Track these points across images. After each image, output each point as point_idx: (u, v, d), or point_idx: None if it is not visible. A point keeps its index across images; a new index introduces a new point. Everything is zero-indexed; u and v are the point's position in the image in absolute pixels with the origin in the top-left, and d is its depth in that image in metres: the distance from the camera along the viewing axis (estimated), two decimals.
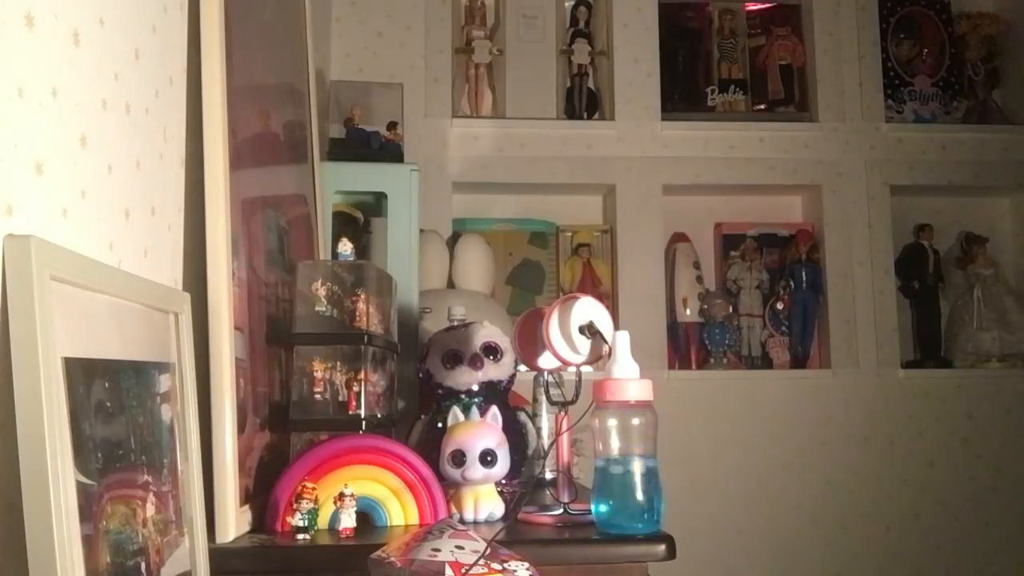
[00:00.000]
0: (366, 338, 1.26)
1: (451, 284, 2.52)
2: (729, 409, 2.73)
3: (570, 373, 1.21)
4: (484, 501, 1.18)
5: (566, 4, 2.90)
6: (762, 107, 2.91)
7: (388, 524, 1.14)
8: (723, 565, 2.65)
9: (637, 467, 1.05)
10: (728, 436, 2.71)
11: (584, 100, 2.83)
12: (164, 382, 0.89)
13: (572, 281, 2.77)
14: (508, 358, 1.51)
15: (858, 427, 2.74)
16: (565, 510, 1.17)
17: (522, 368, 1.40)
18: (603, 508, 1.06)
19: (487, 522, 1.17)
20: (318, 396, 1.24)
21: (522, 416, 1.53)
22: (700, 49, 2.93)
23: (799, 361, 2.79)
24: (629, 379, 1.06)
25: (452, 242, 2.59)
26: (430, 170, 2.59)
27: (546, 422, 1.62)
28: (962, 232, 2.92)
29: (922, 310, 2.90)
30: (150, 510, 0.81)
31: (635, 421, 1.05)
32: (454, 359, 1.50)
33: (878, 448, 2.74)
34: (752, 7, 2.98)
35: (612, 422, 1.05)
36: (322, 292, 1.26)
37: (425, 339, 1.69)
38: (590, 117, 2.81)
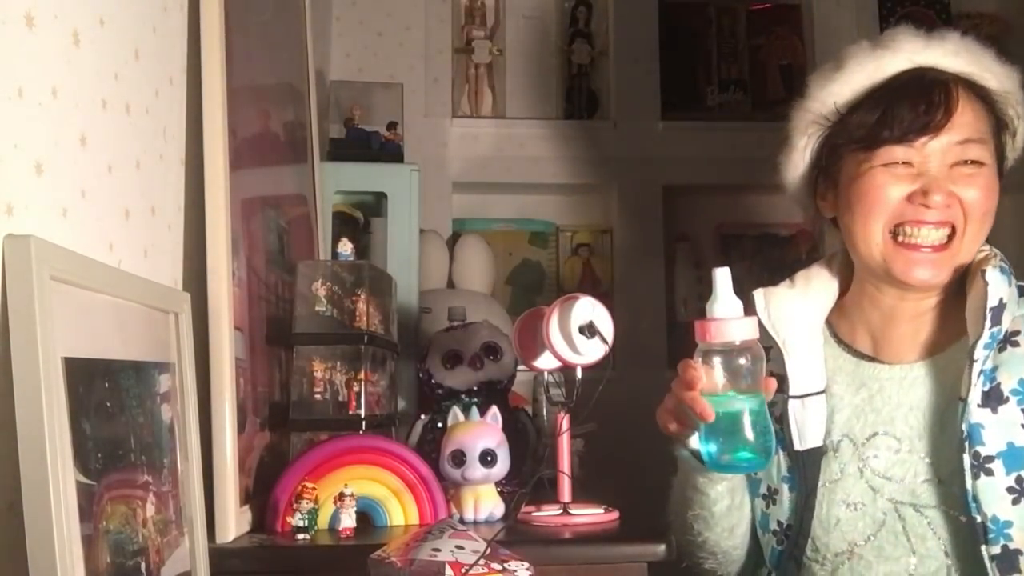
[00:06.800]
0: (366, 338, 1.26)
1: (451, 284, 2.52)
2: None
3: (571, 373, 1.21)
4: (484, 501, 1.18)
5: (566, 4, 2.90)
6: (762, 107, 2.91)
7: (388, 524, 1.14)
8: None
9: (744, 405, 0.97)
10: None
11: (584, 100, 2.83)
12: (164, 382, 0.89)
13: (572, 281, 2.77)
14: (508, 358, 1.51)
15: None
16: (565, 510, 1.17)
17: (522, 368, 1.40)
18: (713, 447, 0.98)
19: (487, 522, 1.17)
20: (318, 396, 1.24)
21: (522, 416, 1.53)
22: (700, 49, 2.93)
23: None
24: (732, 319, 0.98)
25: (452, 242, 2.59)
26: (430, 170, 2.59)
27: (546, 422, 1.62)
28: None
29: None
30: (150, 510, 0.81)
31: (741, 361, 0.98)
32: (454, 359, 1.50)
33: None
34: (752, 7, 2.98)
35: (717, 360, 0.98)
36: (322, 292, 1.26)
37: (425, 339, 1.69)
38: (590, 117, 2.81)
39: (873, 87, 1.12)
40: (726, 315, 0.98)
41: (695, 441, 1.02)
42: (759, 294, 1.20)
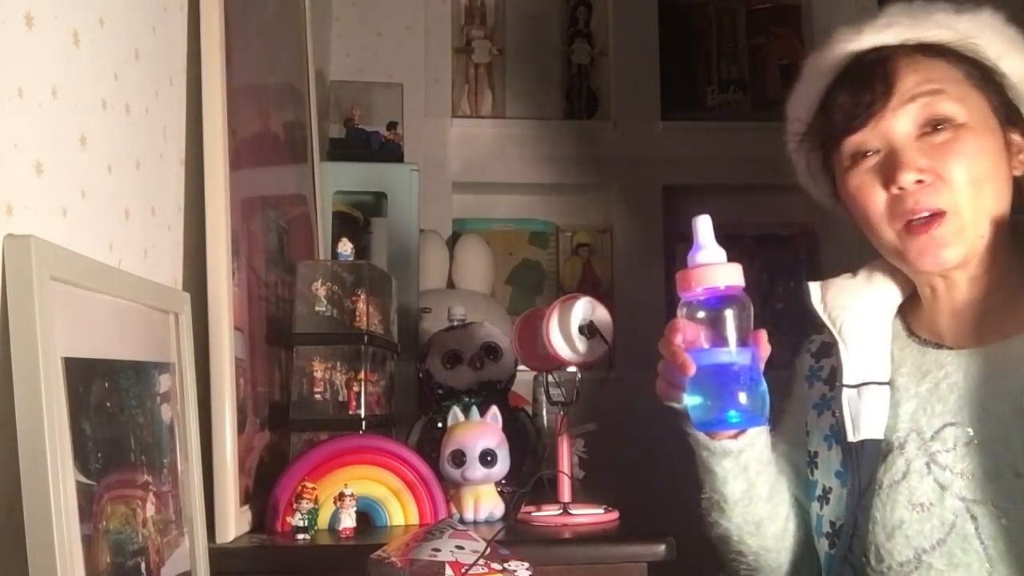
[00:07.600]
0: (366, 338, 1.26)
1: (451, 284, 2.52)
2: None
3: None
4: (484, 501, 1.18)
5: (566, 4, 2.90)
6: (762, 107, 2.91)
7: (388, 524, 1.14)
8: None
9: (729, 358, 0.93)
10: None
11: (584, 100, 2.83)
12: (164, 382, 0.89)
13: (572, 281, 2.77)
14: (508, 358, 1.51)
15: None
16: (565, 510, 1.17)
17: (522, 368, 1.40)
18: (698, 403, 0.94)
19: (487, 522, 1.17)
20: (318, 396, 1.24)
21: (522, 416, 1.53)
22: (700, 49, 2.93)
23: None
24: (716, 264, 0.94)
25: (452, 242, 2.59)
26: (430, 170, 2.59)
27: (546, 422, 1.62)
28: None
29: None
30: (150, 510, 0.81)
31: (726, 312, 0.93)
32: (454, 359, 1.50)
33: None
34: (752, 7, 2.98)
35: (700, 313, 0.94)
36: (322, 292, 1.26)
37: (425, 339, 1.69)
38: (590, 117, 2.81)
39: (824, 89, 1.12)
40: (708, 262, 0.94)
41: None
42: (815, 285, 1.17)
